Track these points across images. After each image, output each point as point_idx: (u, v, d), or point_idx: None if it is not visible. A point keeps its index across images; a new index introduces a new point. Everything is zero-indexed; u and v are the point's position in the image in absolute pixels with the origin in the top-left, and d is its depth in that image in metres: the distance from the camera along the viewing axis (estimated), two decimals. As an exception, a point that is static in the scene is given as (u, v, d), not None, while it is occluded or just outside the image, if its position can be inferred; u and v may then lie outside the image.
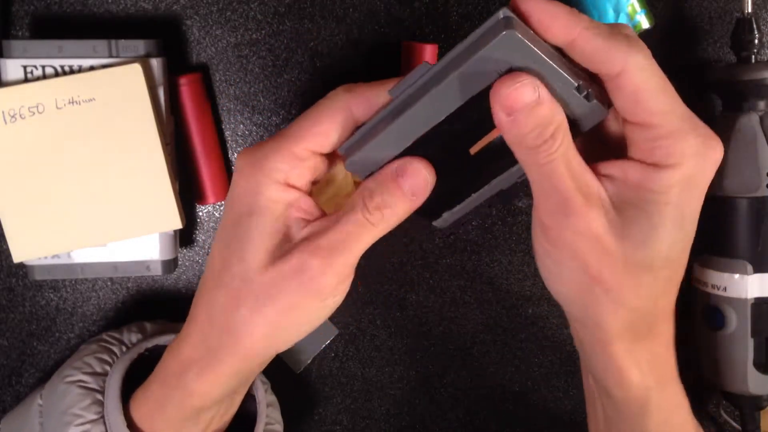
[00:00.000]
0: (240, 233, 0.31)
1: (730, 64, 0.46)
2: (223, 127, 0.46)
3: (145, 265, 0.42)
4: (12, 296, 0.46)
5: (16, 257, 0.40)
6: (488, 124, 0.29)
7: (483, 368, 0.51)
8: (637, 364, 0.32)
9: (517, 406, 0.52)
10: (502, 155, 0.30)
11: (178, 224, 0.42)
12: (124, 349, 0.40)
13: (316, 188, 0.34)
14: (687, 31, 0.49)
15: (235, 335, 0.31)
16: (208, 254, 0.47)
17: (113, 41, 0.40)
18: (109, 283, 0.47)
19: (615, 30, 0.27)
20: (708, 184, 0.29)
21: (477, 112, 0.28)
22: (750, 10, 0.45)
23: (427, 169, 0.30)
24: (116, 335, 0.42)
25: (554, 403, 0.52)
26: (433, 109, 0.28)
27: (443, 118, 0.29)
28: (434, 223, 0.34)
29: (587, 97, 0.28)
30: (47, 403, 0.38)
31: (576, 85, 0.28)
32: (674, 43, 0.49)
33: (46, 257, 0.41)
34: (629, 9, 0.44)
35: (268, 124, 0.47)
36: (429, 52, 0.45)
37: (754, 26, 0.44)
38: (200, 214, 0.47)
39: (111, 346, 0.40)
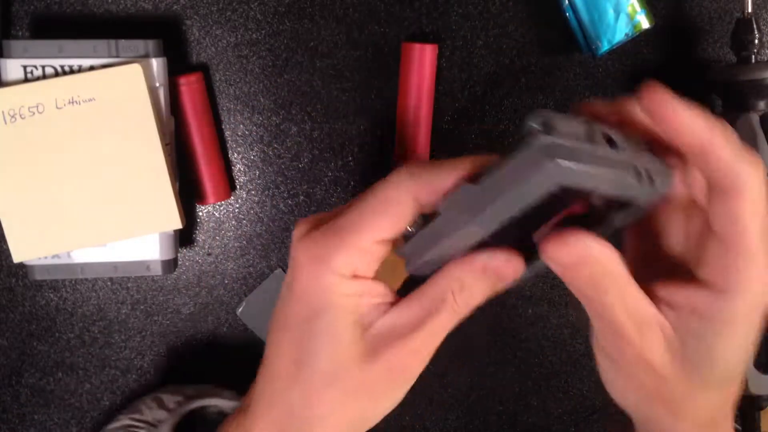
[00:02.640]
0: (313, 329, 0.30)
1: (730, 64, 0.46)
2: (223, 127, 0.46)
3: (145, 265, 0.42)
4: (12, 296, 0.46)
5: (16, 257, 0.40)
6: (546, 218, 0.28)
7: (483, 368, 0.51)
8: None
9: (517, 406, 0.52)
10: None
11: (178, 224, 0.42)
12: (150, 428, 0.39)
13: None
14: (687, 31, 0.49)
15: (318, 427, 0.31)
16: (208, 254, 0.47)
17: (113, 41, 0.40)
18: (109, 283, 0.47)
19: (746, 148, 0.27)
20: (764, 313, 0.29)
21: (531, 216, 0.27)
22: (750, 10, 0.45)
23: (517, 261, 0.30)
24: (137, 416, 0.41)
25: (554, 403, 0.52)
26: (482, 229, 0.28)
27: (489, 233, 0.28)
28: None
29: (648, 181, 0.27)
30: None
31: (634, 172, 0.26)
32: (674, 43, 0.49)
33: (46, 257, 0.41)
34: (629, 9, 0.44)
35: (268, 124, 0.47)
36: (429, 52, 0.45)
37: (754, 26, 0.44)
38: (200, 214, 0.47)
39: (137, 431, 0.39)
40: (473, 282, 0.30)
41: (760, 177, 0.27)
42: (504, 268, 0.29)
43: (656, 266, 0.30)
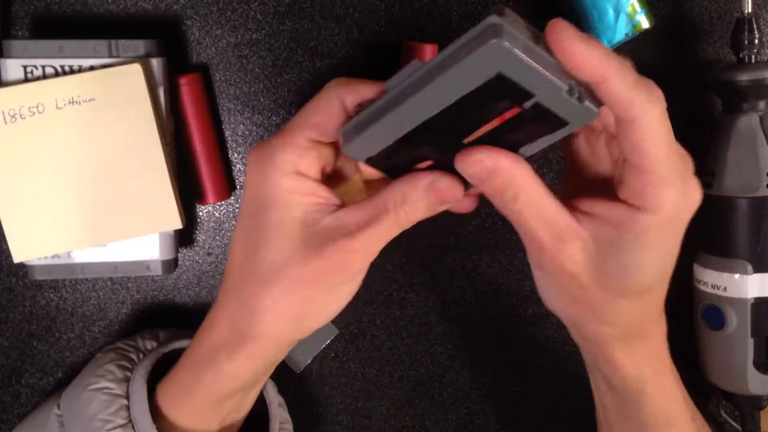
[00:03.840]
0: (261, 224, 0.33)
1: (730, 64, 0.46)
2: (223, 127, 0.46)
3: (145, 265, 0.42)
4: (12, 296, 0.46)
5: (16, 257, 0.40)
6: (480, 120, 0.30)
7: (483, 368, 0.51)
8: (631, 359, 0.34)
9: (517, 406, 0.52)
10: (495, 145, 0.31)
11: (178, 224, 0.42)
12: (141, 355, 0.41)
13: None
14: (687, 31, 0.49)
15: (267, 317, 0.33)
16: (208, 254, 0.47)
17: (113, 41, 0.40)
18: (109, 283, 0.47)
19: (641, 81, 0.29)
20: (685, 226, 0.31)
21: (469, 110, 0.29)
22: (750, 10, 0.45)
23: (458, 188, 0.32)
24: (131, 343, 0.42)
25: (554, 403, 0.52)
26: (424, 106, 0.29)
27: (434, 114, 0.29)
28: None
29: (579, 99, 0.28)
30: (69, 412, 0.39)
31: (566, 88, 0.28)
32: (674, 43, 0.49)
33: (46, 257, 0.41)
34: (629, 9, 0.44)
35: (268, 124, 0.47)
36: (429, 52, 0.45)
37: (754, 26, 0.44)
38: (200, 214, 0.47)
39: (128, 354, 0.41)
40: (416, 198, 0.32)
41: (656, 106, 0.29)
42: (445, 192, 0.32)
43: (584, 189, 0.33)
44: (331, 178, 0.35)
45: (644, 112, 0.28)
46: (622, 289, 0.31)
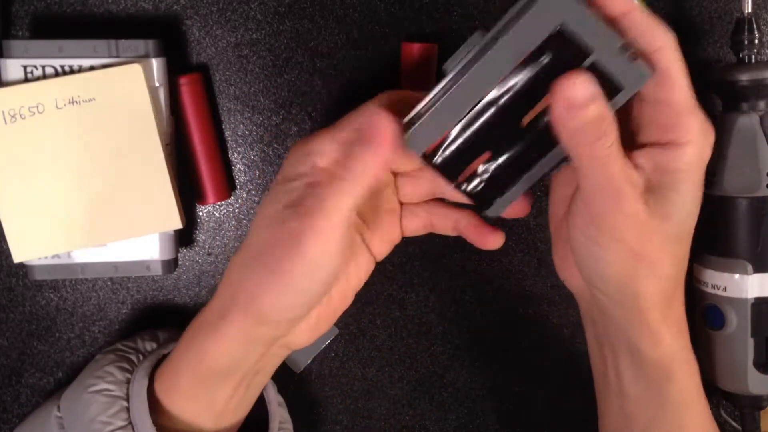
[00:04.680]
0: (270, 198, 0.34)
1: (730, 64, 0.46)
2: (223, 127, 0.46)
3: (145, 265, 0.42)
4: (12, 296, 0.46)
5: (16, 257, 0.40)
6: (537, 93, 0.31)
7: (483, 368, 0.51)
8: (668, 328, 0.35)
9: (517, 406, 0.52)
10: (548, 136, 0.32)
11: (178, 224, 0.42)
12: (140, 357, 0.41)
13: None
14: (687, 31, 0.49)
15: (243, 294, 0.34)
16: (208, 254, 0.47)
17: (113, 41, 0.40)
18: (109, 283, 0.47)
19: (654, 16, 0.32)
20: (707, 162, 0.34)
21: (529, 80, 0.30)
22: (750, 10, 0.45)
23: (383, 114, 0.32)
24: (131, 344, 0.42)
25: (554, 403, 0.52)
26: (487, 74, 0.30)
27: (498, 81, 0.30)
28: (486, 213, 0.36)
29: (633, 57, 0.30)
30: (69, 414, 0.39)
31: (622, 42, 0.30)
32: (674, 43, 0.49)
33: (46, 257, 0.41)
34: (629, 9, 0.44)
35: (268, 124, 0.47)
36: (429, 52, 0.45)
37: (754, 26, 0.44)
38: (200, 214, 0.47)
39: (128, 355, 0.41)
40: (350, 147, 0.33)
41: (673, 40, 0.32)
42: (373, 127, 0.32)
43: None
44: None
45: (667, 40, 0.31)
46: (673, 229, 0.33)
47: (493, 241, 0.40)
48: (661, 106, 0.32)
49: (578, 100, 0.29)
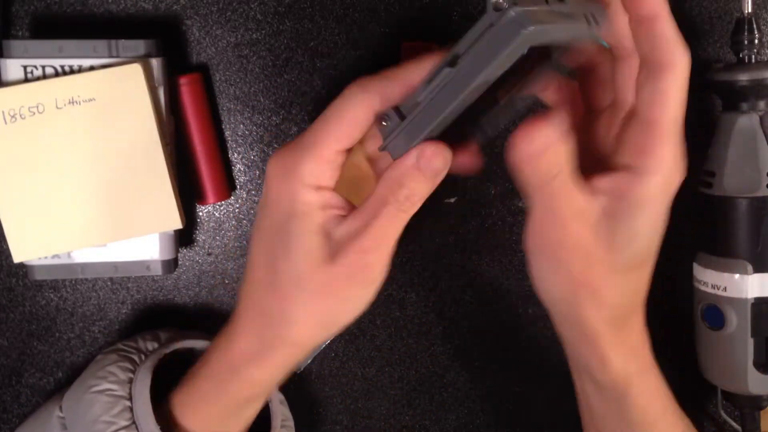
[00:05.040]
0: (283, 238, 0.33)
1: (730, 64, 0.46)
2: (223, 127, 0.46)
3: (145, 265, 0.42)
4: (12, 296, 0.46)
5: (16, 257, 0.40)
6: (514, 81, 0.31)
7: (483, 368, 0.51)
8: (618, 353, 0.35)
9: (517, 406, 0.52)
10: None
11: (178, 224, 0.42)
12: (142, 356, 0.41)
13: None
14: (687, 31, 0.49)
15: (294, 327, 0.34)
16: (208, 254, 0.47)
17: (113, 41, 0.40)
18: (109, 283, 0.47)
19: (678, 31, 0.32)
20: (673, 197, 0.32)
21: (503, 81, 0.30)
22: (750, 10, 0.45)
23: (444, 151, 0.32)
24: (132, 344, 0.42)
25: (554, 403, 0.52)
26: (462, 105, 0.31)
27: (472, 103, 0.31)
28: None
29: (595, 22, 0.31)
30: (71, 415, 0.39)
31: (584, 20, 0.30)
32: (674, 43, 0.49)
33: (46, 257, 0.41)
34: (629, 9, 0.44)
35: (268, 124, 0.47)
36: (429, 52, 0.45)
37: (754, 26, 0.44)
38: (200, 214, 0.47)
39: (130, 355, 0.41)
40: (409, 178, 0.32)
41: (689, 63, 0.31)
42: (434, 159, 0.32)
43: (585, 163, 0.34)
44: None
45: (682, 62, 0.31)
46: (625, 261, 0.32)
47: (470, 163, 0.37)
48: (645, 126, 0.32)
49: (535, 151, 0.30)
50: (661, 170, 0.31)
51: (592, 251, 0.32)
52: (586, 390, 0.38)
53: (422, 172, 0.32)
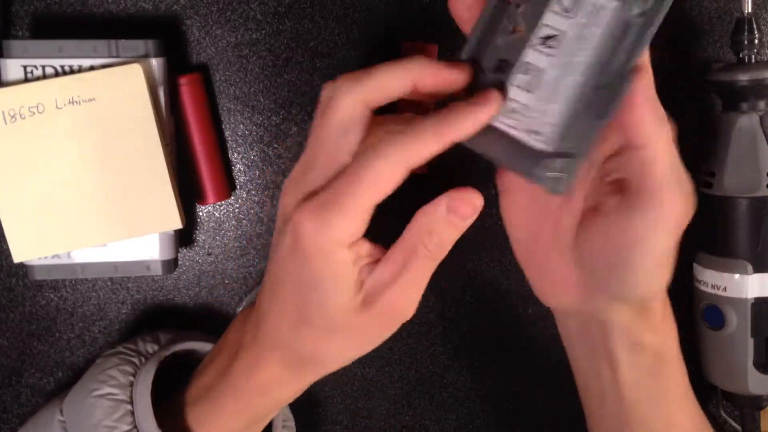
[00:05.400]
0: (317, 294, 0.33)
1: (730, 64, 0.46)
2: (223, 127, 0.46)
3: (145, 265, 0.42)
4: (12, 296, 0.46)
5: (16, 257, 0.40)
6: None
7: (483, 368, 0.51)
8: (666, 322, 0.37)
9: (517, 406, 0.52)
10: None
11: (178, 224, 0.42)
12: (142, 359, 0.41)
13: None
14: (687, 31, 0.49)
15: (323, 365, 0.36)
16: (208, 254, 0.47)
17: (113, 41, 0.40)
18: (109, 283, 0.47)
19: (661, 114, 0.32)
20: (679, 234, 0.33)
21: None
22: (750, 10, 0.45)
23: (475, 196, 0.33)
24: (132, 346, 0.42)
25: (554, 403, 0.52)
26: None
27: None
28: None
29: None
30: (72, 419, 0.39)
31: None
32: (674, 43, 0.49)
33: (46, 257, 0.41)
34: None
35: (268, 124, 0.47)
36: (429, 52, 0.45)
37: (754, 26, 0.44)
38: (200, 214, 0.47)
39: (130, 358, 0.41)
40: (440, 227, 0.33)
41: (667, 132, 0.31)
42: (464, 209, 0.32)
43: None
44: None
45: (658, 142, 0.31)
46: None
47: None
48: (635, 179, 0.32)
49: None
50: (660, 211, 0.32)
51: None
52: (619, 359, 0.37)
53: (451, 223, 0.33)
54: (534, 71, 0.31)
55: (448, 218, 0.32)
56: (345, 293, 0.33)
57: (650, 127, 0.31)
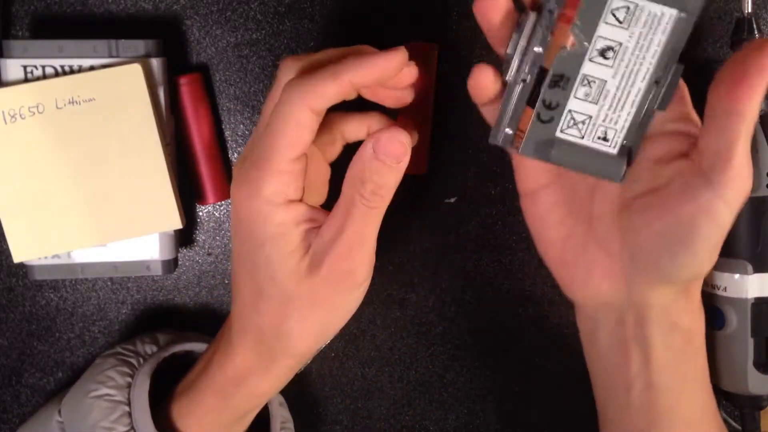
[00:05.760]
0: (262, 261, 0.33)
1: (730, 64, 0.46)
2: (223, 127, 0.46)
3: (145, 265, 0.42)
4: (12, 296, 0.46)
5: (16, 257, 0.40)
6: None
7: (483, 368, 0.51)
8: (698, 303, 0.37)
9: (517, 406, 0.52)
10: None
11: (178, 224, 0.42)
12: (141, 360, 0.41)
13: None
14: (687, 31, 0.49)
15: (291, 340, 0.35)
16: (208, 254, 0.47)
17: (113, 41, 0.40)
18: (109, 283, 0.47)
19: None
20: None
21: None
22: (750, 10, 0.45)
23: (400, 133, 0.32)
24: (131, 347, 0.42)
25: (554, 403, 0.52)
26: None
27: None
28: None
29: None
30: (70, 420, 0.39)
31: None
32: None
33: (46, 257, 0.41)
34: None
35: (268, 124, 0.47)
36: (429, 52, 0.45)
37: (754, 26, 0.44)
38: (200, 214, 0.47)
39: (128, 359, 0.41)
40: (371, 170, 0.32)
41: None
42: (391, 146, 0.32)
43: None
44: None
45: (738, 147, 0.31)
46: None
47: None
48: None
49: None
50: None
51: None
52: (653, 342, 0.36)
53: (382, 162, 0.32)
54: (595, 83, 0.32)
55: (377, 160, 0.32)
56: (290, 257, 0.33)
57: (757, 97, 0.31)
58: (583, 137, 0.33)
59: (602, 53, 0.31)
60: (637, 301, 0.36)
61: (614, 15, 0.30)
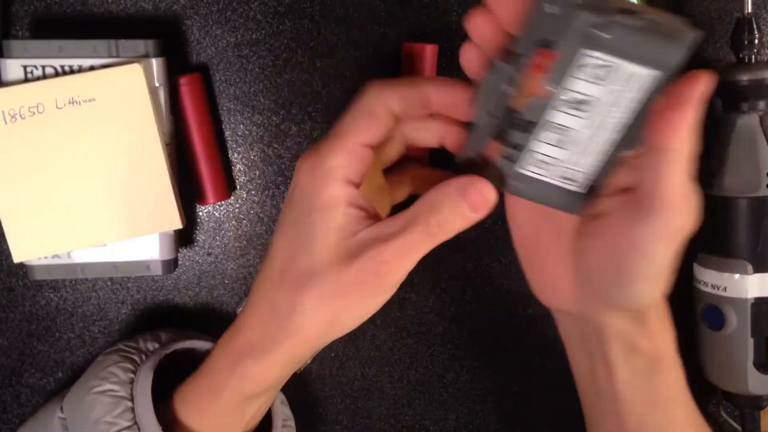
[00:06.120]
0: (305, 229, 0.33)
1: (730, 64, 0.46)
2: (223, 127, 0.46)
3: (145, 265, 0.42)
4: (12, 296, 0.46)
5: (16, 257, 0.40)
6: None
7: (483, 368, 0.51)
8: (662, 322, 0.37)
9: (517, 406, 0.52)
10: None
11: (178, 224, 0.42)
12: (143, 357, 0.41)
13: None
14: (687, 31, 0.49)
15: (298, 322, 0.34)
16: (208, 254, 0.47)
17: (113, 41, 0.40)
18: (109, 283, 0.47)
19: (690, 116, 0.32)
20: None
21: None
22: (750, 10, 0.45)
23: (488, 189, 0.33)
24: (133, 344, 0.42)
25: (554, 403, 0.52)
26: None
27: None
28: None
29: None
30: (73, 416, 0.39)
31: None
32: (674, 43, 0.49)
33: (46, 257, 0.41)
34: (629, 9, 0.44)
35: (268, 124, 0.47)
36: (429, 52, 0.45)
37: (754, 26, 0.44)
38: (200, 214, 0.47)
39: (131, 355, 0.41)
40: (446, 207, 0.33)
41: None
42: (473, 196, 0.32)
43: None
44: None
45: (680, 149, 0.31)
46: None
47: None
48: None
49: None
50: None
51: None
52: (614, 361, 0.37)
53: (459, 206, 0.32)
54: (565, 131, 0.32)
55: (456, 202, 0.32)
56: (332, 233, 0.33)
57: (681, 132, 0.31)
58: (545, 176, 0.33)
59: (574, 105, 0.31)
60: (593, 319, 0.37)
61: (590, 71, 0.30)
